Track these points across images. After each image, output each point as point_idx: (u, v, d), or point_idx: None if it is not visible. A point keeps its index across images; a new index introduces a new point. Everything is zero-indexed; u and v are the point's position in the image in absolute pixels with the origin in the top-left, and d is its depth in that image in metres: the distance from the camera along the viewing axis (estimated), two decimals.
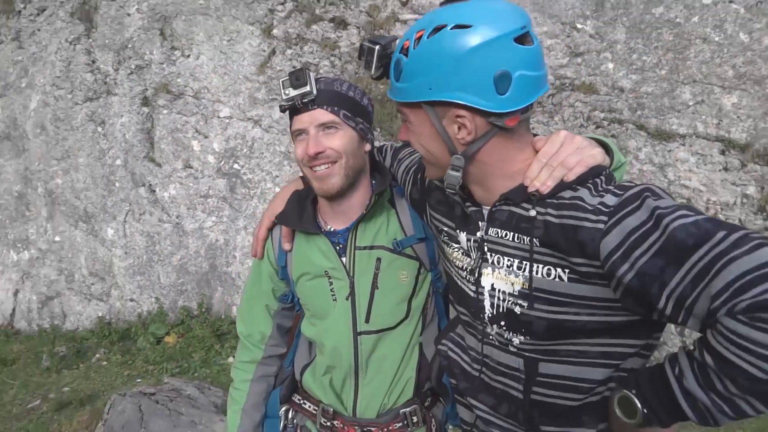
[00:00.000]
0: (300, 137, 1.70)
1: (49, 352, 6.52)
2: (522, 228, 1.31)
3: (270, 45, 7.07)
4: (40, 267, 7.91)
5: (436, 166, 1.42)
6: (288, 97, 1.64)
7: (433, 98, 1.28)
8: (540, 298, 1.28)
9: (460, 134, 1.31)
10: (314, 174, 1.70)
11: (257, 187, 6.79)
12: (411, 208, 1.83)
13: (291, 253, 1.86)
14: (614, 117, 5.78)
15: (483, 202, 1.43)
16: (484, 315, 1.43)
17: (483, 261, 1.42)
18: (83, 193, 7.57)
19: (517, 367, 1.38)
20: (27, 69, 8.28)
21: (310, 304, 1.87)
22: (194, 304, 6.86)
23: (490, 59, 1.23)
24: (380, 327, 1.79)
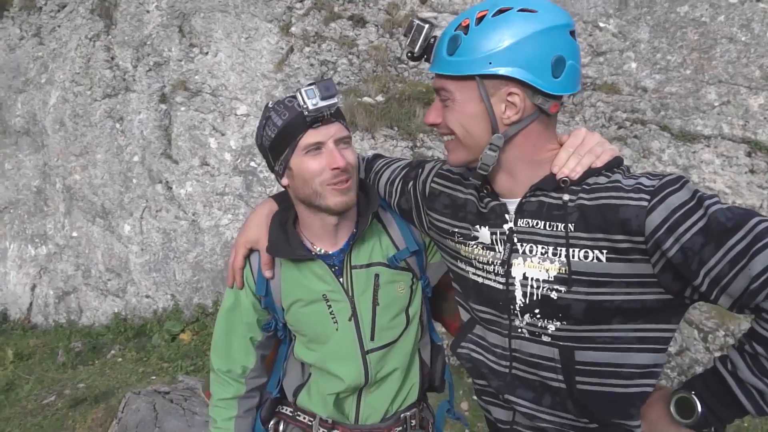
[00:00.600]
0: (315, 152, 1.59)
1: (64, 348, 6.51)
2: (554, 216, 1.35)
3: (288, 43, 7.01)
4: (57, 262, 7.91)
5: (468, 148, 1.41)
6: (316, 108, 1.52)
7: (492, 71, 1.30)
8: (579, 281, 1.31)
9: (507, 113, 1.33)
10: (335, 188, 1.60)
11: (274, 185, 6.71)
12: (398, 220, 1.80)
13: (276, 281, 1.75)
14: (637, 117, 5.64)
15: (505, 194, 1.46)
16: (514, 306, 1.44)
17: (513, 252, 1.43)
18: (101, 189, 7.55)
19: (552, 357, 1.40)
20: (47, 65, 8.29)
21: (308, 330, 1.77)
22: (209, 302, 6.81)
23: (551, 44, 1.30)
24: (386, 342, 1.75)
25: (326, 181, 1.58)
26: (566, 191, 1.35)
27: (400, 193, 1.77)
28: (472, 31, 1.33)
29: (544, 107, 1.33)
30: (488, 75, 1.31)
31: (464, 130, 1.39)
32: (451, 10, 6.66)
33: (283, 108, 1.59)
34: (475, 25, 1.33)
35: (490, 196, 1.49)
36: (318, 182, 1.58)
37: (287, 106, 1.59)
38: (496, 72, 1.30)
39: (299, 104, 1.52)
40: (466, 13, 1.37)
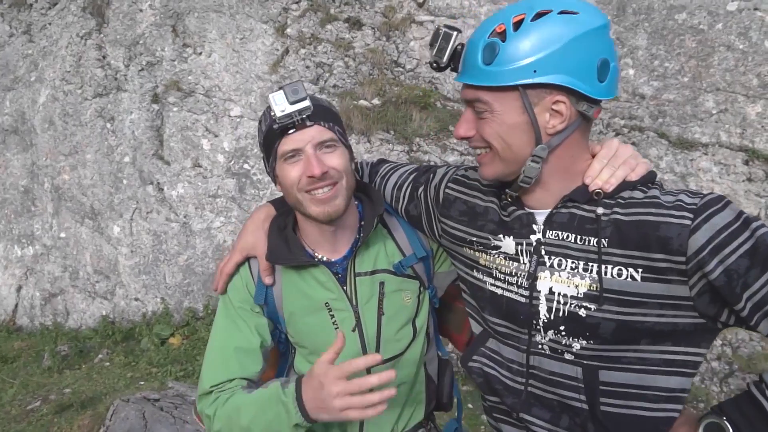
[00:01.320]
0: (292, 159, 1.49)
1: (50, 351, 6.34)
2: (587, 229, 1.30)
3: (283, 44, 6.91)
4: (44, 263, 7.74)
5: (507, 161, 1.33)
6: (285, 114, 1.42)
7: (538, 80, 1.23)
8: (610, 299, 1.26)
9: (551, 122, 1.27)
10: (314, 198, 1.50)
11: (267, 187, 6.61)
12: (405, 226, 1.72)
13: (277, 289, 1.64)
14: (635, 124, 5.59)
15: (534, 205, 1.39)
16: (537, 321, 1.37)
17: (539, 264, 1.36)
18: (90, 190, 7.39)
19: (574, 376, 1.33)
20: (37, 63, 8.13)
21: (308, 341, 1.66)
22: (200, 306, 6.68)
23: (596, 46, 1.25)
24: (391, 354, 1.65)
25: (303, 189, 1.49)
26: (600, 204, 1.29)
27: (408, 199, 1.70)
28: (511, 38, 1.24)
29: (587, 113, 1.28)
30: (532, 84, 1.24)
31: (504, 142, 1.31)
32: (448, 13, 6.60)
33: (267, 112, 1.52)
34: (513, 31, 1.24)
35: (515, 204, 1.43)
36: (297, 190, 1.50)
37: (268, 111, 1.50)
38: (542, 81, 1.22)
39: (271, 111, 1.43)
40: (498, 18, 1.29)
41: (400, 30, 6.76)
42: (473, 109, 1.34)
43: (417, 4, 6.77)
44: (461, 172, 1.62)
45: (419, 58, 6.66)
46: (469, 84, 1.32)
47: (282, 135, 1.48)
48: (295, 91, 1.43)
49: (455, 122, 5.66)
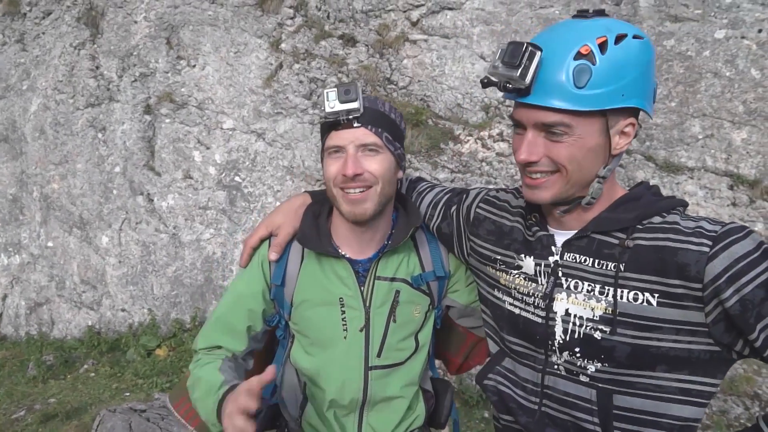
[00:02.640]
0: (336, 154, 1.57)
1: (36, 361, 6.31)
2: (604, 254, 1.32)
3: (277, 59, 6.99)
4: (30, 272, 7.71)
5: (573, 184, 1.33)
6: (333, 111, 1.50)
7: (626, 104, 1.26)
8: (624, 323, 1.27)
9: (620, 143, 1.31)
10: (346, 196, 1.57)
11: (258, 200, 6.65)
12: (431, 244, 1.77)
13: (294, 273, 1.70)
14: None
15: (558, 225, 1.43)
16: (553, 342, 1.39)
17: (556, 286, 1.39)
18: (79, 199, 7.40)
19: (588, 398, 1.35)
20: (29, 72, 8.15)
21: (312, 332, 1.71)
22: (187, 317, 6.68)
23: (653, 72, 1.33)
24: (391, 362, 1.70)
25: (338, 185, 1.56)
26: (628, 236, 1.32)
27: (441, 217, 1.75)
28: (601, 62, 1.23)
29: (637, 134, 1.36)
30: (612, 109, 1.27)
31: (578, 165, 1.30)
32: (441, 33, 6.72)
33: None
34: (601, 54, 1.23)
35: (539, 225, 1.47)
36: (333, 186, 1.58)
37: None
38: (627, 104, 1.26)
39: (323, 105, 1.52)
40: (572, 37, 1.25)
41: (393, 48, 6.86)
42: (543, 132, 1.31)
43: (411, 23, 6.88)
44: (492, 193, 1.66)
45: (412, 76, 6.76)
46: (550, 107, 1.26)
47: (330, 130, 1.56)
48: (347, 92, 1.50)
49: (446, 140, 5.74)
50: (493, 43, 6.54)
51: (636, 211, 1.32)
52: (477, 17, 6.65)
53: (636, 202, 1.35)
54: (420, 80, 6.72)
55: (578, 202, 1.36)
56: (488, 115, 6.42)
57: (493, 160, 6.12)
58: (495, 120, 6.33)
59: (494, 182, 5.98)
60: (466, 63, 6.60)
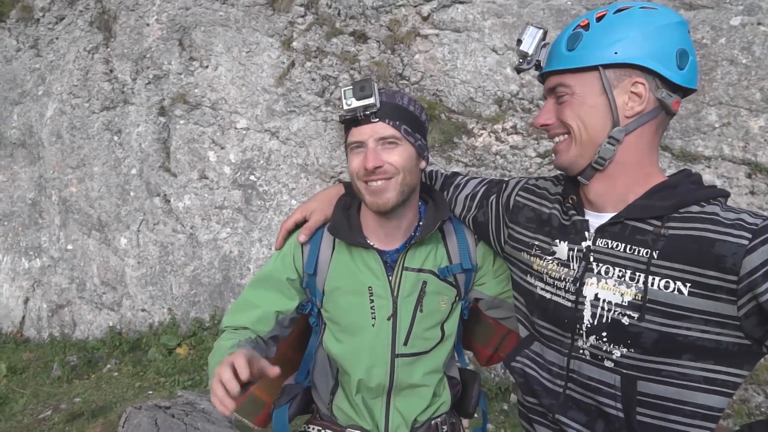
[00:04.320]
0: (357, 149, 1.63)
1: (59, 361, 6.44)
2: (637, 240, 1.33)
3: (289, 57, 7.05)
4: (51, 275, 7.85)
5: (583, 145, 1.39)
6: (350, 108, 1.57)
7: (618, 60, 1.31)
8: (653, 310, 1.28)
9: (630, 104, 1.33)
10: (369, 188, 1.63)
11: (273, 199, 6.73)
12: (459, 235, 1.82)
13: (325, 262, 1.77)
14: None
15: (594, 204, 1.45)
16: (580, 326, 1.40)
17: (587, 271, 1.40)
18: (97, 202, 7.52)
19: (612, 383, 1.35)
20: (44, 77, 8.28)
21: (342, 319, 1.78)
22: (206, 316, 6.78)
23: (675, 37, 1.32)
24: (417, 350, 1.76)
25: (361, 179, 1.63)
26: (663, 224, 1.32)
27: (478, 207, 1.79)
28: (594, 27, 1.36)
29: (666, 102, 1.32)
30: (612, 64, 1.32)
31: (582, 123, 1.37)
32: (452, 27, 6.74)
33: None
34: (596, 23, 1.36)
35: (576, 208, 1.48)
36: (356, 179, 1.64)
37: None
38: (622, 60, 1.31)
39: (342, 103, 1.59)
40: (583, 16, 1.41)
41: (404, 43, 6.90)
42: (554, 97, 1.43)
43: (422, 18, 6.92)
44: (532, 181, 1.70)
45: (424, 71, 6.80)
46: (552, 71, 1.42)
47: (350, 126, 1.63)
48: (362, 89, 1.56)
49: (460, 134, 5.78)
50: (505, 35, 6.56)
51: (673, 199, 1.31)
52: (488, 10, 6.67)
53: (673, 190, 1.34)
54: (432, 75, 6.75)
55: (596, 168, 1.39)
56: (501, 108, 6.43)
57: (507, 153, 6.14)
58: (508, 113, 6.35)
59: (509, 175, 6.00)
60: (478, 56, 6.62)
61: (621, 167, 1.38)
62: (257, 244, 6.72)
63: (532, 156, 6.04)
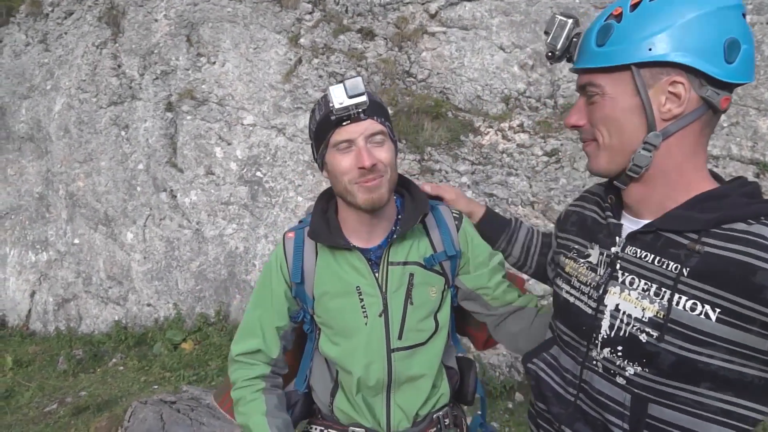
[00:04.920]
0: (347, 149, 1.60)
1: (65, 355, 6.47)
2: (670, 253, 1.20)
3: (296, 54, 7.05)
4: (57, 269, 7.88)
5: (614, 150, 1.27)
6: (342, 107, 1.53)
7: (653, 59, 1.16)
8: (674, 331, 1.16)
9: (667, 106, 1.19)
10: (362, 187, 1.60)
11: (279, 195, 6.74)
12: (441, 225, 1.81)
13: (311, 268, 1.76)
14: None
15: (631, 209, 1.34)
16: (597, 336, 1.31)
17: (611, 278, 1.30)
18: (104, 197, 7.54)
19: (621, 401, 1.25)
20: (53, 71, 8.31)
21: (335, 322, 1.77)
22: (212, 312, 6.79)
23: (723, 25, 1.15)
24: (413, 343, 1.75)
25: (354, 179, 1.59)
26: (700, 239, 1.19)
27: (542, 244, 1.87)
28: (627, 18, 1.21)
29: (712, 101, 1.17)
30: (646, 63, 1.18)
31: (613, 128, 1.25)
32: (459, 25, 6.73)
33: (323, 102, 1.61)
34: (629, 12, 1.21)
35: (612, 210, 1.38)
36: (347, 180, 1.60)
37: (324, 101, 1.60)
38: (657, 58, 1.16)
39: (329, 102, 1.54)
40: (615, 4, 1.25)
41: (412, 41, 6.89)
42: (586, 97, 1.30)
43: (429, 15, 6.91)
44: (587, 188, 1.61)
45: (431, 69, 6.79)
46: (582, 68, 1.29)
47: (337, 125, 1.58)
48: (355, 87, 1.52)
49: (466, 132, 5.76)
50: (513, 33, 6.54)
51: (715, 212, 1.17)
52: (496, 8, 6.65)
53: (718, 202, 1.19)
54: (439, 72, 6.74)
55: (631, 175, 1.27)
56: (508, 107, 6.42)
57: (513, 152, 6.12)
58: (515, 111, 6.33)
59: (515, 174, 5.99)
60: (485, 54, 6.60)
61: (659, 174, 1.25)
62: (263, 240, 6.73)
63: (539, 154, 6.02)
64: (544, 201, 5.79)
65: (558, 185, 5.80)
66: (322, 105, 1.61)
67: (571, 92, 6.18)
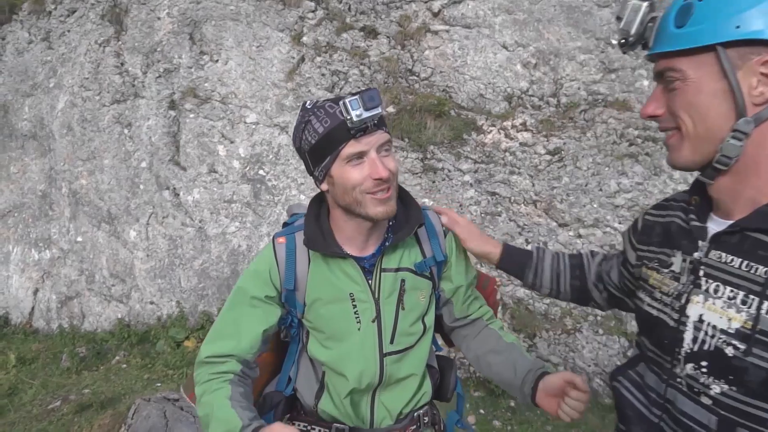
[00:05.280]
0: (358, 161, 1.57)
1: (69, 353, 6.48)
2: (758, 256, 1.08)
3: (299, 52, 7.06)
4: (60, 267, 7.90)
5: (699, 140, 1.17)
6: (361, 119, 1.50)
7: (742, 37, 1.06)
8: (764, 343, 1.04)
9: (759, 89, 1.08)
10: (375, 198, 1.60)
11: (282, 193, 6.75)
12: (430, 231, 1.82)
13: (304, 275, 1.74)
14: (648, 135, 5.68)
15: (720, 211, 1.22)
16: (679, 350, 1.19)
17: (695, 287, 1.19)
18: (107, 195, 7.56)
19: (706, 424, 1.13)
20: (56, 69, 8.32)
21: (327, 327, 1.76)
22: (215, 309, 6.79)
23: None
24: (404, 346, 1.78)
25: (367, 190, 1.58)
26: None
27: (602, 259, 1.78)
28: None
29: None
30: (733, 42, 1.07)
31: (698, 115, 1.14)
32: (463, 23, 6.73)
33: (324, 114, 1.56)
34: None
35: (697, 212, 1.27)
36: (359, 191, 1.58)
37: (328, 113, 1.55)
38: (747, 36, 1.05)
39: (342, 114, 1.50)
40: None
41: (415, 39, 6.89)
42: (664, 83, 1.20)
43: (432, 13, 6.90)
44: (667, 198, 1.50)
45: (434, 67, 6.78)
46: (660, 53, 1.18)
47: (350, 138, 1.54)
48: (372, 99, 1.50)
49: (469, 130, 5.77)
50: (516, 32, 6.53)
51: None
52: (499, 6, 6.64)
53: None
54: (442, 71, 6.73)
55: (718, 168, 1.16)
56: (511, 105, 6.41)
57: (516, 150, 6.12)
58: (518, 110, 6.33)
59: (517, 172, 5.99)
60: (488, 53, 6.60)
61: (751, 166, 1.13)
62: (266, 238, 6.73)
63: (542, 153, 6.02)
64: (547, 200, 5.79)
65: (560, 184, 5.80)
66: (323, 116, 1.56)
67: (574, 91, 6.18)
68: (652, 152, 5.59)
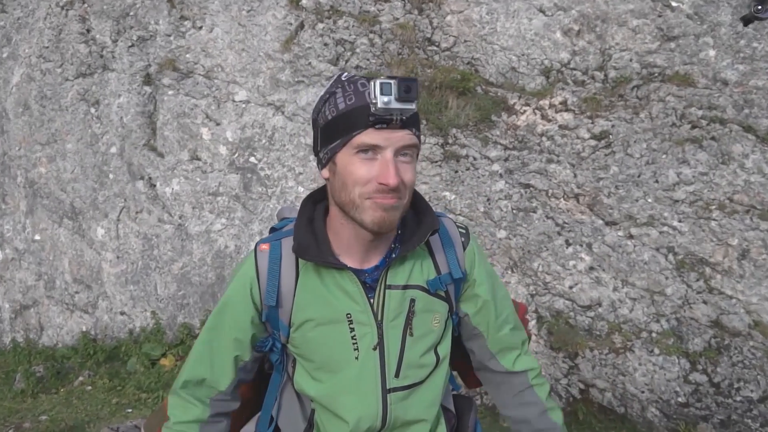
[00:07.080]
0: (366, 155, 1.50)
1: (23, 372, 6.43)
2: None
3: (298, 17, 6.99)
4: (15, 270, 7.88)
5: None
6: (386, 107, 1.43)
7: None
8: None
9: None
10: (376, 204, 1.52)
11: (276, 185, 6.69)
12: (446, 243, 1.76)
13: (290, 290, 1.68)
14: (715, 115, 5.58)
15: None
16: None
17: None
18: (70, 185, 7.52)
19: None
20: (10, 37, 8.31)
21: (318, 355, 1.69)
22: (196, 321, 6.76)
23: None
24: (411, 381, 1.70)
25: (367, 194, 1.50)
26: None
27: None
28: None
29: None
30: None
31: None
32: None
33: (352, 91, 1.50)
34: None
35: None
36: (359, 193, 1.51)
37: (357, 91, 1.49)
38: None
39: (369, 96, 1.44)
40: None
41: (434, 2, 6.83)
42: None
43: None
44: None
45: (457, 36, 6.71)
46: None
47: (370, 126, 1.48)
48: (408, 89, 1.43)
49: (498, 110, 5.71)
50: None
51: None
52: None
53: None
54: (467, 40, 6.66)
55: None
56: (549, 81, 6.34)
57: (555, 134, 6.04)
58: (557, 86, 6.25)
59: (556, 160, 5.90)
60: (522, 18, 6.52)
61: None
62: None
63: (586, 138, 5.94)
64: (591, 193, 5.71)
65: (608, 174, 5.72)
66: (350, 92, 1.50)
67: (625, 63, 6.09)
68: (720, 136, 5.48)
